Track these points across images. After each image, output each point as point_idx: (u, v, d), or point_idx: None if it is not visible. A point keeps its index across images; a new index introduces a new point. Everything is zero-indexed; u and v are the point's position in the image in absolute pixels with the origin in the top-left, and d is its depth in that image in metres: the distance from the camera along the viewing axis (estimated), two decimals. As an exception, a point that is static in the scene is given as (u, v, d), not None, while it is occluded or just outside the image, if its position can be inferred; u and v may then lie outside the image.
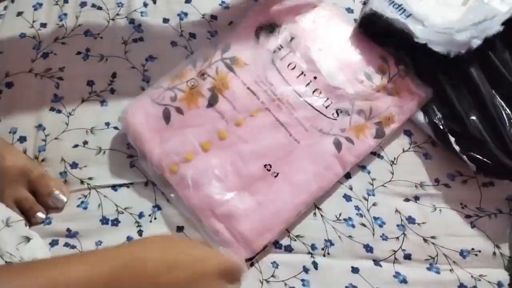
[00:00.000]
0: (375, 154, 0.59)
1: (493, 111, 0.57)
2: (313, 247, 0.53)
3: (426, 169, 0.58)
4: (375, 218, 0.55)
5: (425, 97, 0.59)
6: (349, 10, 0.67)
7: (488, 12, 0.60)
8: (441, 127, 0.58)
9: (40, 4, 0.65)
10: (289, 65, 0.58)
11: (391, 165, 0.58)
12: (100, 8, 0.64)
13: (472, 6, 0.62)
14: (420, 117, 0.59)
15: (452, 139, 0.57)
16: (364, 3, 0.67)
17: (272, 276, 0.51)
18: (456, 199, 0.58)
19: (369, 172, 0.58)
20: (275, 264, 0.52)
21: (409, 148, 0.59)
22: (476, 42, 0.57)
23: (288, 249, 0.53)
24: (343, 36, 0.61)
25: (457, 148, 0.56)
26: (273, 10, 0.61)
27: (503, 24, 0.58)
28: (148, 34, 0.63)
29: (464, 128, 0.57)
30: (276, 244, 0.53)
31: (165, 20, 0.64)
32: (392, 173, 0.58)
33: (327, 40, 0.60)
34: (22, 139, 0.56)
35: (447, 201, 0.57)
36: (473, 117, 0.58)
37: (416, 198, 0.57)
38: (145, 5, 0.65)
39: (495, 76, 0.59)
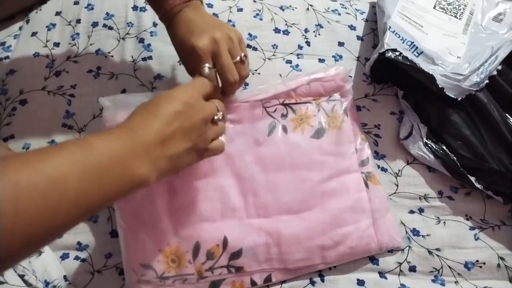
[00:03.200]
0: (379, 167, 0.60)
1: (507, 134, 0.58)
2: (319, 259, 0.54)
3: (430, 181, 0.59)
4: (380, 231, 0.56)
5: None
6: (352, 27, 0.70)
7: (488, 42, 0.61)
8: (457, 168, 0.57)
9: (54, 25, 0.67)
10: None
11: (396, 177, 0.59)
12: (111, 28, 0.67)
13: (472, 33, 0.64)
14: (431, 159, 0.58)
15: (473, 178, 0.57)
16: (366, 23, 0.69)
17: (279, 289, 0.52)
18: (460, 211, 0.58)
19: (373, 185, 0.59)
20: (282, 278, 0.53)
21: (413, 161, 0.60)
22: (484, 83, 0.59)
23: (295, 261, 0.54)
24: None
25: (479, 186, 0.57)
26: None
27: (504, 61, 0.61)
28: (156, 53, 0.65)
29: (482, 160, 0.57)
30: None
31: (173, 39, 0.66)
32: (397, 185, 0.59)
33: None
34: (35, 154, 0.58)
35: (451, 213, 0.58)
36: (489, 145, 0.58)
37: (421, 210, 0.58)
38: (155, 25, 0.67)
39: (504, 98, 0.60)
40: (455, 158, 0.57)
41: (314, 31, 0.69)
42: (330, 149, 0.55)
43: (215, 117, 0.44)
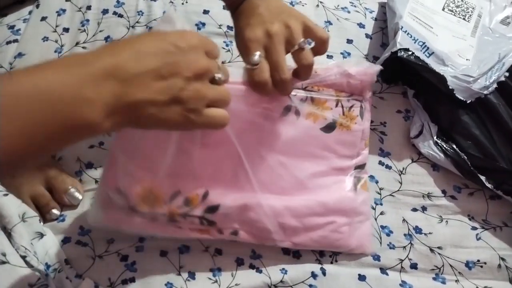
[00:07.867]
0: (383, 164, 0.60)
1: None
2: (321, 254, 0.54)
3: (434, 180, 0.60)
4: (383, 227, 0.56)
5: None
6: (361, 25, 0.70)
7: (496, 46, 0.62)
8: (468, 167, 0.57)
9: (64, 10, 0.67)
10: None
11: (400, 175, 0.60)
12: (121, 15, 0.67)
13: (481, 36, 0.64)
14: (442, 158, 0.59)
15: (483, 178, 0.57)
16: (378, 21, 0.69)
17: (281, 281, 0.52)
18: (462, 211, 0.58)
19: (377, 182, 0.59)
20: (284, 271, 0.52)
21: (418, 159, 0.61)
22: (492, 88, 0.60)
23: (297, 255, 0.54)
24: None
25: (490, 186, 0.57)
26: None
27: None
28: (166, 42, 0.65)
29: (492, 160, 0.57)
30: (284, 251, 0.54)
31: (183, 29, 0.66)
32: (401, 183, 0.59)
33: None
34: (40, 138, 0.58)
35: (453, 213, 0.58)
36: (499, 145, 0.58)
37: (424, 209, 0.58)
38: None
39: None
40: (465, 157, 0.58)
41: (323, 28, 0.69)
42: (334, 147, 0.55)
43: (216, 77, 0.35)
